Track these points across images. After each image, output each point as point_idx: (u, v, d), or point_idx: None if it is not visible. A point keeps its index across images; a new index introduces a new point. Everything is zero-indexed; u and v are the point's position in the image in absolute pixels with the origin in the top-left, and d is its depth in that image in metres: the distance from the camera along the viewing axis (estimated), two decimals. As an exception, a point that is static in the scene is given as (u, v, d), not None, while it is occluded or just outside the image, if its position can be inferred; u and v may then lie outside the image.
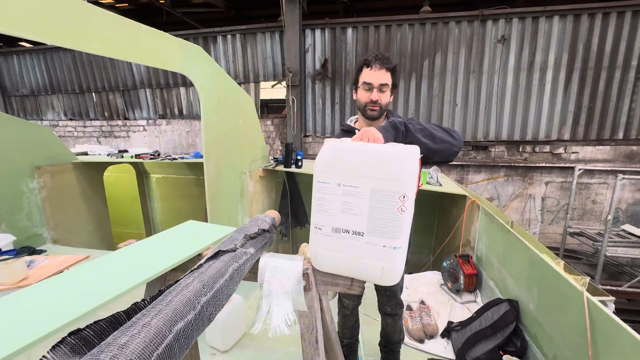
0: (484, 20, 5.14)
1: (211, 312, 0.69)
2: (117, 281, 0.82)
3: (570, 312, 1.36)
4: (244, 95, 2.98)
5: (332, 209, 0.89)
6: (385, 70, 1.29)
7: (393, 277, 0.90)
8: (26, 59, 7.27)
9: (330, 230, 0.90)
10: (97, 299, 0.74)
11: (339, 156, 0.88)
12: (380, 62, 1.28)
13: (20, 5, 1.09)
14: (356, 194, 0.85)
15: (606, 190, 5.22)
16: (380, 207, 0.84)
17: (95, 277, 0.87)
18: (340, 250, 0.90)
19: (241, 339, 2.02)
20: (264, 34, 5.99)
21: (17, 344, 0.59)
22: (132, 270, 0.89)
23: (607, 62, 4.92)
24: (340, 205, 0.87)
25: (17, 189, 2.84)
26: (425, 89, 5.55)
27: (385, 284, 0.91)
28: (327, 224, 0.90)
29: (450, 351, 1.91)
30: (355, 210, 0.86)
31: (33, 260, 2.15)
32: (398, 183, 0.82)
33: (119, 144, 7.20)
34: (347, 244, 0.89)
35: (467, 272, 2.41)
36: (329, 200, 0.88)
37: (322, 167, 0.89)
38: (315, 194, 0.91)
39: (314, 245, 0.94)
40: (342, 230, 0.88)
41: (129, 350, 0.48)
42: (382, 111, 1.35)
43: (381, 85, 1.29)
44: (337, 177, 0.87)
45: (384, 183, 0.83)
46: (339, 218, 0.88)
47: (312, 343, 0.98)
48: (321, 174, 0.89)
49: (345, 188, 0.86)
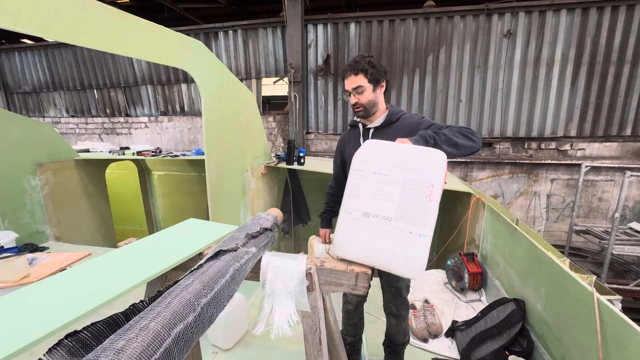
0: (490, 14, 5.05)
1: (212, 314, 0.67)
2: (117, 281, 0.80)
3: (580, 313, 1.33)
4: (246, 92, 2.95)
5: (364, 194, 0.96)
6: (354, 74, 1.41)
7: (415, 268, 0.91)
8: (28, 56, 7.27)
9: (360, 214, 0.96)
10: (97, 299, 0.72)
11: (378, 148, 1.01)
12: (349, 69, 1.42)
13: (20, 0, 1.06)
14: (389, 181, 0.94)
15: (613, 188, 5.15)
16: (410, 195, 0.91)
17: (96, 276, 0.85)
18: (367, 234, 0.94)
19: (243, 337, 2.01)
20: (265, 30, 5.93)
21: (19, 343, 0.58)
22: (132, 270, 0.87)
23: (616, 56, 4.82)
24: (373, 191, 0.95)
25: (19, 186, 2.84)
26: (429, 85, 5.48)
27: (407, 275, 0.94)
28: (358, 208, 0.96)
29: (454, 351, 1.89)
30: (386, 197, 0.93)
31: (35, 258, 2.14)
32: (428, 173, 0.91)
33: (120, 141, 7.20)
34: (374, 228, 0.93)
35: (472, 270, 2.38)
36: (363, 186, 0.97)
37: (361, 156, 1.00)
38: (351, 181, 1.00)
39: (341, 229, 0.98)
40: (372, 214, 0.94)
41: (126, 355, 0.46)
42: (369, 108, 1.46)
43: (354, 89, 1.42)
44: (373, 166, 0.97)
45: (415, 173, 0.92)
46: (370, 203, 0.95)
47: (315, 344, 0.95)
48: (359, 163, 1.00)
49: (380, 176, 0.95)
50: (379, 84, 1.45)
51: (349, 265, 0.95)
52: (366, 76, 1.41)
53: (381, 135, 1.48)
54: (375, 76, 1.42)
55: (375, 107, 1.48)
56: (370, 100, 1.45)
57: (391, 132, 1.47)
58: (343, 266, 0.95)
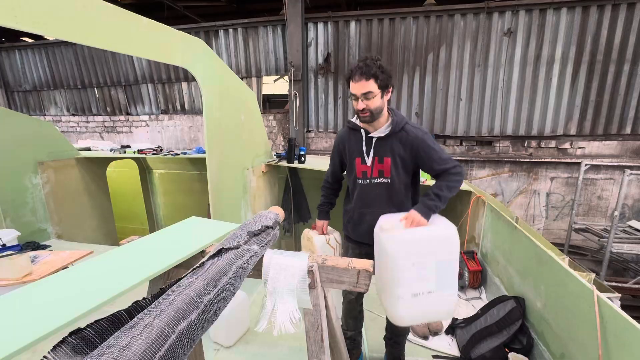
0: (490, 12, 5.04)
1: (215, 311, 0.68)
2: (119, 278, 0.81)
3: (579, 310, 1.34)
4: (246, 90, 2.95)
5: (410, 282, 1.25)
6: (365, 79, 1.36)
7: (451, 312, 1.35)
8: (28, 54, 7.25)
9: (410, 296, 1.26)
10: (101, 297, 0.73)
11: (408, 240, 1.29)
12: (359, 72, 1.37)
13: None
14: (426, 267, 1.25)
15: (612, 186, 5.15)
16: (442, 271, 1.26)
17: (99, 274, 0.86)
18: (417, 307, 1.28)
19: (245, 334, 2.02)
20: (266, 28, 5.92)
21: (24, 340, 0.58)
22: (135, 267, 0.88)
23: (616, 55, 4.81)
24: (415, 276, 1.24)
25: (21, 184, 2.84)
26: (430, 83, 5.48)
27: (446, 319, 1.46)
28: (407, 293, 1.26)
29: (454, 348, 1.90)
30: (426, 277, 1.25)
31: (37, 256, 2.15)
32: (452, 254, 1.27)
33: (121, 140, 7.20)
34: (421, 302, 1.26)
35: (472, 268, 2.39)
36: (407, 277, 1.24)
37: (398, 253, 1.25)
38: (396, 274, 1.26)
39: (395, 309, 1.28)
40: (419, 293, 1.26)
41: (131, 352, 0.47)
42: (376, 114, 1.44)
43: (364, 94, 1.38)
44: (410, 258, 1.24)
45: (443, 255, 1.26)
46: (416, 286, 1.25)
47: (317, 341, 0.96)
48: (399, 260, 1.24)
49: (418, 265, 1.24)
50: (387, 89, 1.43)
51: (350, 263, 0.96)
52: (377, 82, 1.37)
53: (384, 145, 1.50)
54: (385, 82, 1.39)
55: (381, 113, 1.46)
56: (379, 106, 1.42)
57: (394, 144, 1.48)
58: (345, 264, 0.96)
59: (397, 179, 1.52)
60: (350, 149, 1.59)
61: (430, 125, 5.61)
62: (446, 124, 5.55)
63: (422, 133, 1.48)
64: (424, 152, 1.46)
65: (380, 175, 1.54)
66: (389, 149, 1.49)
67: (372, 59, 1.39)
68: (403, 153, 1.48)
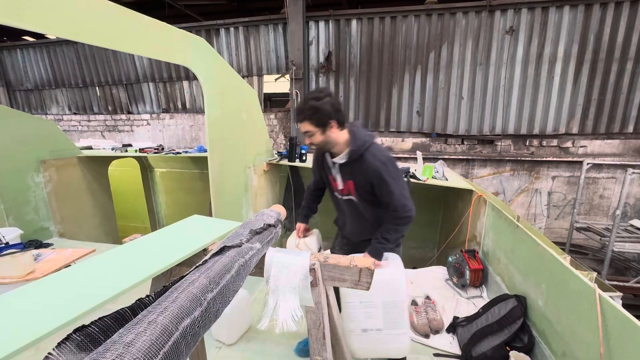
0: (492, 10, 5.02)
1: (218, 309, 0.68)
2: (123, 276, 0.81)
3: (581, 309, 1.34)
4: (248, 88, 2.95)
5: (359, 319, 1.42)
6: (300, 122, 1.49)
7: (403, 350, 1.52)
8: (30, 53, 7.27)
9: (360, 331, 1.44)
10: (104, 294, 0.73)
11: None
12: (296, 117, 1.60)
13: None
14: (373, 306, 1.42)
15: (614, 185, 5.14)
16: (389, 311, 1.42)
17: (102, 271, 0.86)
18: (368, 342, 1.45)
19: (246, 332, 2.03)
20: (267, 27, 5.91)
21: (28, 338, 0.59)
22: (138, 265, 0.88)
23: (619, 53, 4.79)
24: (364, 314, 1.42)
25: (24, 182, 2.85)
26: (431, 82, 5.46)
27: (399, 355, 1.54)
28: (358, 328, 1.44)
29: (456, 346, 1.90)
30: (373, 316, 1.42)
31: (40, 254, 2.16)
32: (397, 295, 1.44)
33: (122, 138, 7.21)
34: (372, 337, 1.44)
35: (473, 267, 2.39)
36: (355, 314, 1.43)
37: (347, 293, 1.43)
38: (346, 310, 1.45)
39: (350, 341, 1.45)
40: (368, 329, 1.43)
41: (135, 349, 0.47)
42: (324, 147, 1.53)
43: (305, 133, 1.50)
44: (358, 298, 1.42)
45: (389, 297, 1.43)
46: (365, 322, 1.42)
47: (319, 339, 0.97)
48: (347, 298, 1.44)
49: (365, 304, 1.42)
50: (327, 126, 1.46)
51: (352, 261, 0.96)
52: (311, 122, 1.45)
53: (349, 170, 1.56)
54: (321, 120, 1.44)
55: (329, 144, 1.51)
56: (322, 141, 1.49)
57: (356, 170, 1.53)
58: (346, 262, 0.96)
59: (361, 198, 1.60)
60: (323, 172, 1.71)
61: (431, 124, 5.60)
62: (448, 123, 5.54)
63: (379, 164, 1.47)
64: (377, 183, 1.49)
65: (348, 193, 1.63)
66: (350, 172, 1.57)
67: (305, 100, 1.46)
68: (362, 179, 1.53)
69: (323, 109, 1.43)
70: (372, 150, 1.50)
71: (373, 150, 1.50)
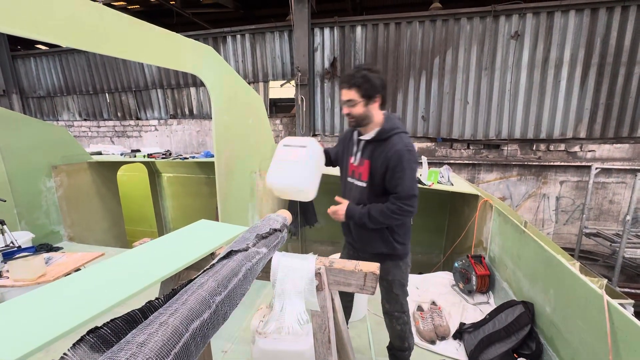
0: (497, 15, 5.02)
1: (226, 311, 0.70)
2: (133, 279, 0.83)
3: (589, 316, 1.32)
4: (254, 95, 3.00)
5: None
6: (347, 88, 1.46)
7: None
8: (43, 61, 7.47)
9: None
10: (115, 297, 0.75)
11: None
12: (342, 82, 1.50)
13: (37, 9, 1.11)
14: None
15: (624, 190, 5.05)
16: None
17: (112, 275, 0.88)
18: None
19: (252, 336, 2.03)
20: (272, 34, 6.00)
21: (41, 339, 0.60)
22: (147, 269, 0.90)
23: (626, 57, 4.74)
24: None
25: (36, 187, 2.92)
26: (436, 87, 5.47)
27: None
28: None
29: (462, 353, 1.88)
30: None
31: (51, 257, 2.21)
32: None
33: (131, 144, 7.34)
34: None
35: (480, 273, 2.37)
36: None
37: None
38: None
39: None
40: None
41: (147, 349, 0.49)
42: (360, 120, 1.51)
43: (346, 102, 1.48)
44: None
45: None
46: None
47: (324, 342, 0.97)
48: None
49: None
50: (371, 99, 1.46)
51: (357, 266, 0.97)
52: (358, 91, 1.44)
53: (371, 150, 1.54)
54: (368, 92, 1.43)
55: (367, 119, 1.50)
56: (361, 114, 1.48)
57: (378, 150, 1.51)
58: (352, 266, 0.97)
59: (370, 182, 1.56)
60: (345, 149, 1.70)
61: (437, 128, 5.60)
62: (453, 128, 5.52)
63: (404, 150, 1.45)
64: (393, 166, 1.46)
65: (359, 176, 1.60)
66: (371, 152, 1.54)
67: (358, 69, 1.45)
68: (380, 160, 1.50)
69: (374, 81, 1.43)
70: (402, 136, 1.50)
71: (402, 136, 1.50)
